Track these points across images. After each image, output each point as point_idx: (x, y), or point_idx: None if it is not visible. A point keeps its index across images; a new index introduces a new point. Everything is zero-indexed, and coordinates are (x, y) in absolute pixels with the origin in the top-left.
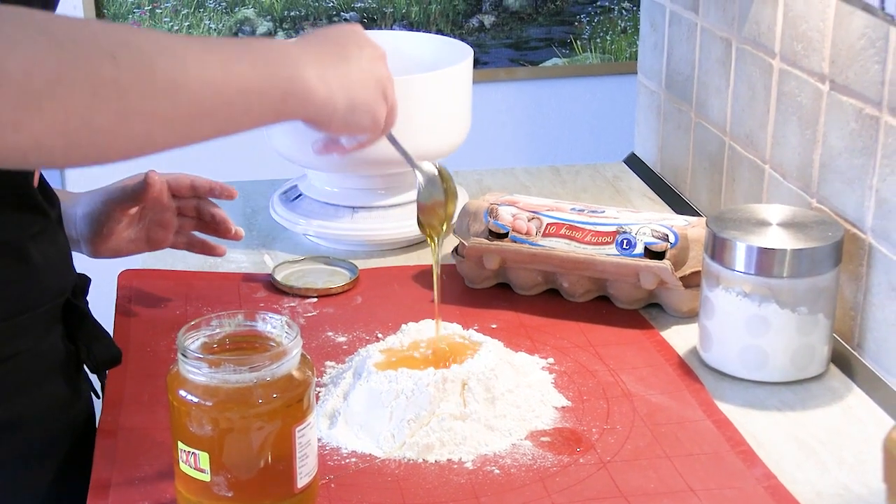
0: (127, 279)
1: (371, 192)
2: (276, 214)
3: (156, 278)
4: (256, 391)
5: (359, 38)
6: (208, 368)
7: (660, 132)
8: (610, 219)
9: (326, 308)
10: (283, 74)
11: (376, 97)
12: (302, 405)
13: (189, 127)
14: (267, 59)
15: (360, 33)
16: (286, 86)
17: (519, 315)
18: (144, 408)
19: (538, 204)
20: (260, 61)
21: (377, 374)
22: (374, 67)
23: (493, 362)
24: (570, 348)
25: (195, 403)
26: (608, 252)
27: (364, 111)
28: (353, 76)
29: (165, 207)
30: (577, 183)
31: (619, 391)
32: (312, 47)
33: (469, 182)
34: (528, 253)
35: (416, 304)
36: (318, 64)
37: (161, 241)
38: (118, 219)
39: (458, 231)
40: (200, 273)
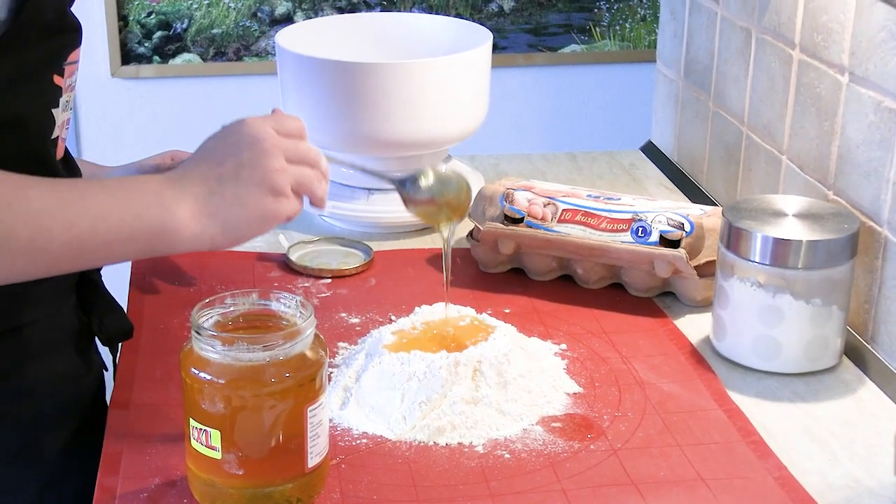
0: None
1: None
2: None
3: (170, 255)
4: (269, 370)
5: (240, 145)
6: (222, 346)
7: (677, 121)
8: (626, 206)
9: (340, 289)
10: (153, 223)
11: (259, 205)
12: (314, 385)
13: (54, 270)
14: (137, 209)
15: (244, 135)
16: (153, 233)
17: (532, 300)
18: (157, 384)
19: (554, 190)
20: (129, 212)
21: (389, 356)
22: (255, 173)
23: (505, 347)
24: (583, 335)
25: (208, 381)
26: (623, 239)
27: (246, 225)
28: (227, 199)
29: None
30: (593, 170)
31: (631, 379)
32: (188, 182)
33: (485, 167)
34: (543, 238)
35: (429, 286)
36: (192, 201)
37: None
38: None
39: (473, 215)
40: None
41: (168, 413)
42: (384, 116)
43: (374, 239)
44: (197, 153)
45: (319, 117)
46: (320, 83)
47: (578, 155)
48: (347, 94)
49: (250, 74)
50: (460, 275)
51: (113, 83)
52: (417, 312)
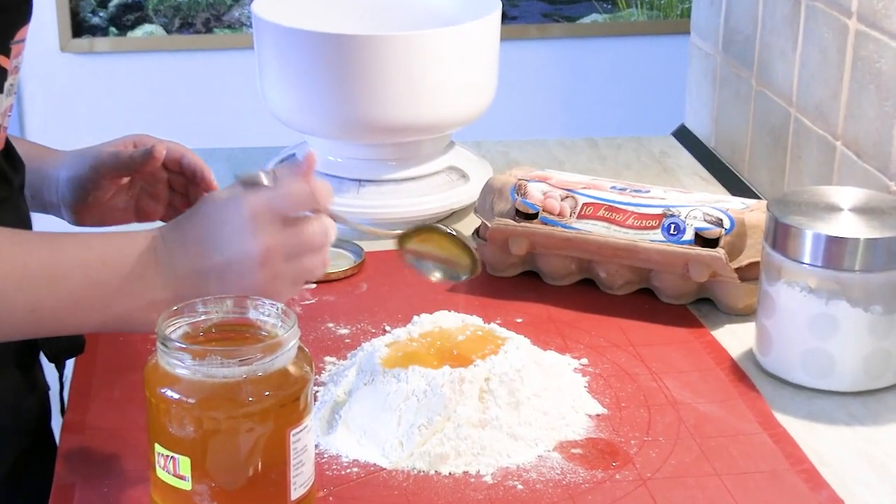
0: None
1: (380, 164)
2: None
3: None
4: (246, 388)
5: (232, 241)
6: (192, 360)
7: (714, 101)
8: (655, 200)
9: (326, 295)
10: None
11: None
12: (298, 405)
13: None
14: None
15: (240, 231)
16: (121, 323)
17: (548, 308)
18: (116, 405)
19: (573, 181)
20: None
21: (384, 372)
22: (242, 282)
23: (518, 362)
24: (607, 348)
25: (176, 400)
26: (653, 238)
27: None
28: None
29: (158, 179)
30: (618, 158)
31: (662, 398)
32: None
33: (494, 154)
34: (561, 237)
35: (429, 292)
36: (172, 288)
37: (152, 214)
38: (107, 187)
39: (479, 210)
40: None
41: (129, 438)
42: (378, 97)
43: (365, 238)
44: (190, 226)
45: (304, 99)
46: (304, 59)
47: (601, 141)
48: (336, 71)
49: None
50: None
51: (63, 59)
52: (416, 322)
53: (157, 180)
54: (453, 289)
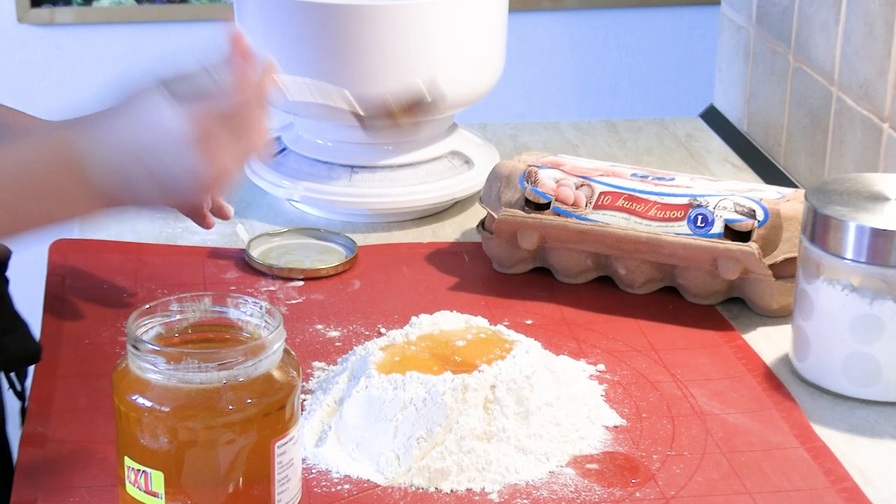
0: (60, 252)
1: (374, 148)
2: (254, 174)
3: (97, 251)
4: (226, 395)
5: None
6: (166, 364)
7: (747, 79)
8: (681, 188)
9: (315, 294)
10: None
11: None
12: (283, 414)
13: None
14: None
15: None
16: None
17: (562, 309)
18: (81, 415)
19: (589, 167)
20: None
21: (379, 379)
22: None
23: (527, 367)
24: (626, 353)
25: (148, 409)
26: (678, 231)
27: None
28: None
29: None
30: (639, 142)
31: (687, 408)
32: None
33: (501, 138)
34: (575, 229)
35: (429, 291)
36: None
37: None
38: None
39: (485, 200)
40: (155, 246)
41: (96, 451)
42: (372, 73)
43: (357, 230)
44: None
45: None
46: (291, 31)
47: (620, 123)
48: (327, 44)
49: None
50: (470, 275)
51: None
52: (414, 323)
53: None
54: (456, 287)
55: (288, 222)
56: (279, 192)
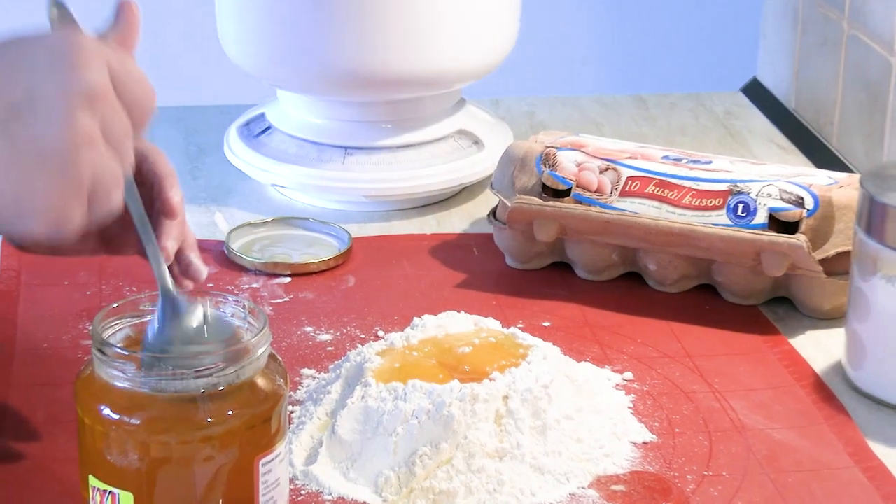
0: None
1: (371, 127)
2: (234, 155)
3: None
4: (204, 405)
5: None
6: (136, 371)
7: (795, 49)
8: (720, 173)
9: (304, 292)
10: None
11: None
12: (269, 428)
13: None
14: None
15: (47, 63)
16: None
17: (583, 309)
18: (38, 429)
19: (615, 149)
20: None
21: (377, 388)
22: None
23: (544, 376)
24: (657, 359)
25: (115, 421)
26: (716, 221)
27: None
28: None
29: None
30: (671, 119)
31: (727, 422)
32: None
33: (515, 115)
34: (599, 219)
35: (433, 288)
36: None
37: (119, 241)
38: None
39: (497, 185)
40: None
41: (56, 469)
42: (368, 41)
43: (353, 220)
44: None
45: (274, 44)
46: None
47: (650, 98)
48: (316, 8)
49: None
50: (479, 271)
51: None
52: (416, 325)
53: None
54: (464, 284)
55: (273, 210)
56: (263, 177)
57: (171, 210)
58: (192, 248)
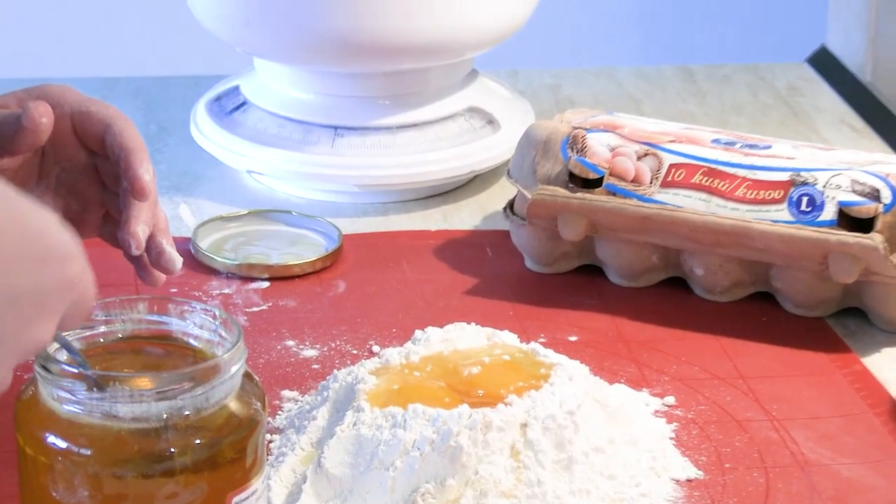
0: None
1: (367, 104)
2: (202, 136)
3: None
4: (167, 433)
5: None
6: (87, 393)
7: (871, 12)
8: (780, 160)
9: (285, 299)
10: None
11: None
12: (243, 460)
13: None
14: None
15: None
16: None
17: (616, 321)
18: None
19: (656, 131)
20: None
21: (371, 413)
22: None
23: (570, 400)
24: (705, 381)
25: (63, 451)
26: (775, 217)
27: None
28: None
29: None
30: (724, 96)
31: (787, 457)
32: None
33: (538, 89)
34: (637, 215)
35: (438, 296)
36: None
37: (76, 222)
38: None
39: (515, 173)
40: None
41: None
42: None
43: (343, 213)
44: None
45: (254, 4)
46: None
47: (699, 70)
48: None
49: None
50: (493, 275)
51: None
52: (419, 339)
53: (77, 169)
54: (475, 291)
55: (248, 202)
56: (236, 162)
57: (142, 190)
58: (165, 234)
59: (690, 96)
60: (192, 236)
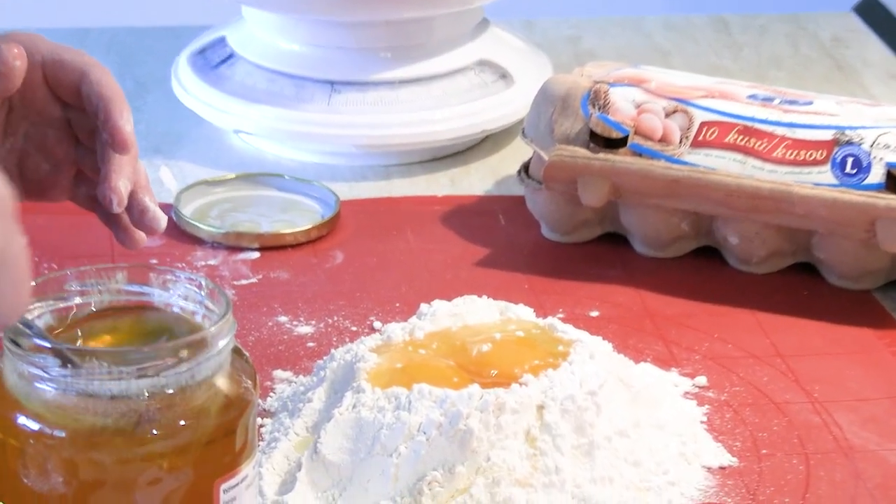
0: None
1: (366, 56)
2: (185, 92)
3: None
4: (149, 414)
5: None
6: (61, 369)
7: None
8: (823, 117)
9: (277, 271)
10: None
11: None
12: (232, 444)
13: None
14: None
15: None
16: None
17: (643, 294)
18: None
19: (686, 85)
20: None
21: (373, 394)
22: None
23: (592, 380)
24: (740, 360)
25: (34, 433)
26: (817, 179)
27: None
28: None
29: (45, 119)
30: (761, 48)
31: (829, 441)
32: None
33: (555, 40)
34: (665, 178)
35: (446, 266)
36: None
37: (44, 182)
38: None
39: (530, 132)
40: None
41: None
42: None
43: (340, 177)
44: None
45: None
46: None
47: (734, 20)
48: None
49: None
50: (507, 244)
51: None
52: (424, 314)
53: (48, 124)
54: (487, 262)
55: (236, 165)
56: (223, 120)
57: (123, 142)
58: (147, 191)
59: (724, 49)
60: (173, 202)
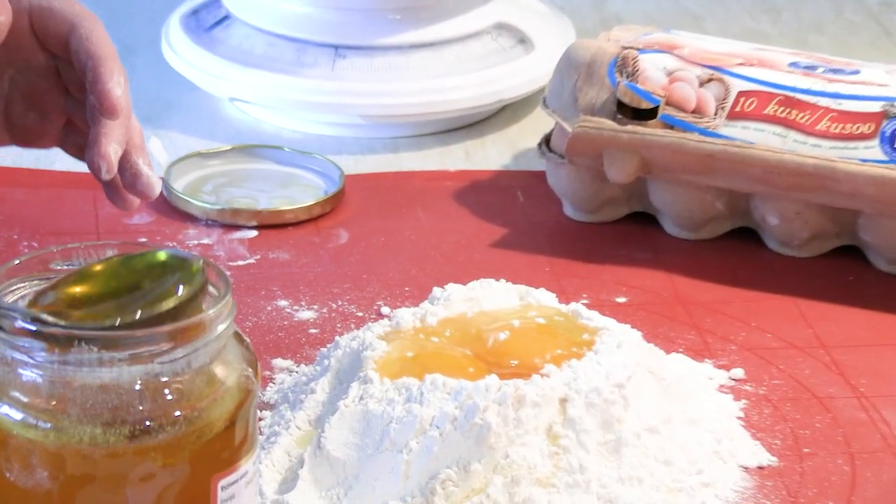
0: None
1: (374, 17)
2: (176, 56)
3: None
4: (141, 403)
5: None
6: (47, 354)
7: None
8: (871, 87)
9: (277, 251)
10: None
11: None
12: (231, 437)
13: None
14: None
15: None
16: None
17: (675, 279)
18: None
19: (722, 52)
20: None
21: (380, 386)
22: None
23: (619, 371)
24: (779, 351)
25: (19, 424)
26: (864, 156)
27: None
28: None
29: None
30: (802, 14)
31: (876, 440)
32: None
33: (579, 2)
34: (698, 152)
35: (460, 247)
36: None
37: (33, 132)
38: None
39: (552, 102)
40: (22, 172)
41: None
42: None
43: (346, 149)
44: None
45: None
46: None
47: None
48: None
49: None
50: (526, 224)
51: None
52: (437, 299)
53: (35, 71)
54: (504, 243)
55: (232, 136)
56: (217, 87)
57: (112, 107)
58: (140, 152)
59: (762, 13)
60: (164, 176)
